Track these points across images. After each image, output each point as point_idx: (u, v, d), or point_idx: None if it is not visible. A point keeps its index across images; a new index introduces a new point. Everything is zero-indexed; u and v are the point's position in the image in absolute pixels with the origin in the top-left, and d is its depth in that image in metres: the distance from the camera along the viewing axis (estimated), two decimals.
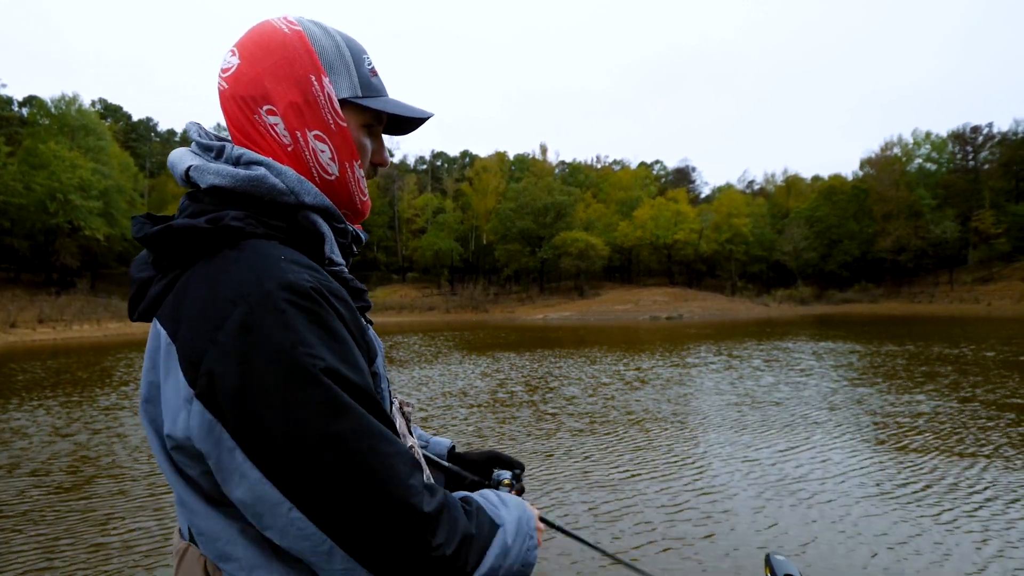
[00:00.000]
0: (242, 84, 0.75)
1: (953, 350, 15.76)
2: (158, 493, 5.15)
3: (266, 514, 0.62)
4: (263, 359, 0.60)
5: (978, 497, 4.85)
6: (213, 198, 0.73)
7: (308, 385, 0.60)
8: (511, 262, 60.56)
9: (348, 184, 0.81)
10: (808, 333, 23.59)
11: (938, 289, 53.39)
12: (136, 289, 0.75)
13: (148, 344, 0.71)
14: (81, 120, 42.69)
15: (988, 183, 57.68)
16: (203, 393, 0.62)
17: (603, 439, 6.92)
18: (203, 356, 0.62)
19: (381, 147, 0.87)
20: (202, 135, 0.79)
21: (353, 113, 0.80)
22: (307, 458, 0.60)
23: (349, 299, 0.72)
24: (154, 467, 5.92)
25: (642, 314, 44.78)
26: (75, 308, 32.73)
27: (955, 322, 29.74)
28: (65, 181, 37.40)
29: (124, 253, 50.73)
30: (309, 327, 0.63)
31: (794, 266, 59.29)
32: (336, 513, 0.61)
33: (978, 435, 6.76)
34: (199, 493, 0.69)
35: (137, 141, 66.21)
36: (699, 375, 12.11)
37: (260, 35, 0.77)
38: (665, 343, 20.46)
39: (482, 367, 14.02)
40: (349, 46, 0.80)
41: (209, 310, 0.64)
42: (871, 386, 10.24)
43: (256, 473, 0.61)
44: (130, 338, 27.28)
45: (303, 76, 0.75)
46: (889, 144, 61.28)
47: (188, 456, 0.67)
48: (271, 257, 0.67)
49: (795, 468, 5.69)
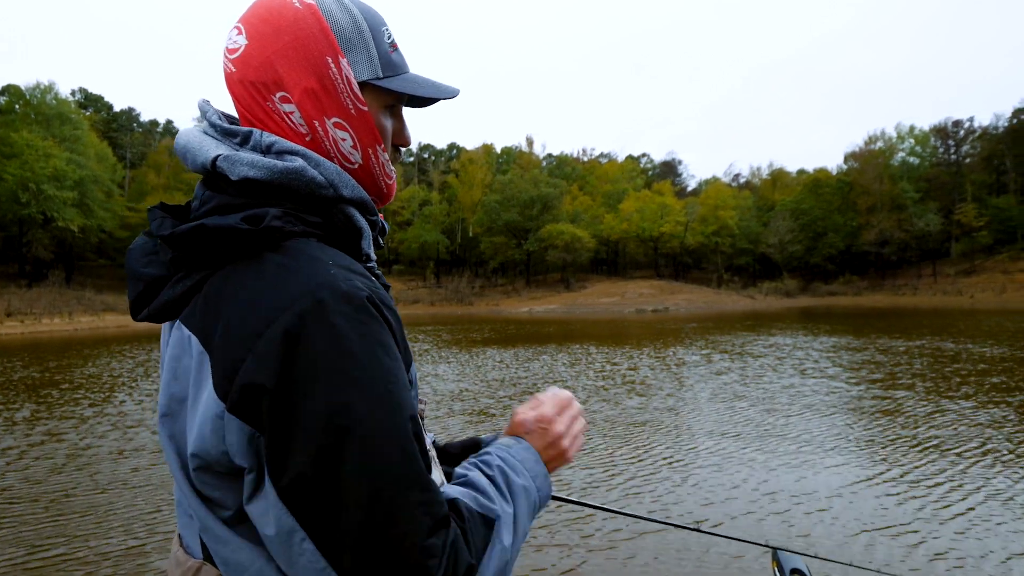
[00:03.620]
0: (251, 68, 0.68)
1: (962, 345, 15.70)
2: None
3: (279, 540, 0.57)
4: (308, 374, 0.55)
5: (992, 493, 4.65)
6: (244, 191, 0.66)
7: (350, 413, 0.55)
8: (497, 254, 60.19)
9: (372, 170, 0.74)
10: (797, 326, 23.54)
11: (921, 282, 53.81)
12: (144, 287, 0.68)
13: (168, 352, 0.66)
14: (57, 109, 41.58)
15: (970, 177, 58.23)
16: (236, 406, 0.57)
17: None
18: (240, 366, 0.57)
19: (403, 126, 0.79)
20: (221, 118, 0.73)
21: (373, 94, 0.72)
22: (331, 496, 0.55)
23: (394, 306, 0.66)
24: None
25: (628, 307, 44.66)
26: (46, 301, 31.96)
27: (939, 314, 29.92)
28: (38, 171, 36.37)
29: (101, 245, 49.75)
30: (362, 344, 0.57)
31: (779, 259, 59.47)
32: (348, 554, 0.55)
33: (987, 435, 6.57)
34: (221, 518, 0.63)
35: (118, 131, 64.79)
36: (691, 373, 11.90)
37: (268, 10, 0.68)
38: (655, 339, 20.30)
39: (461, 363, 13.73)
40: (368, 19, 0.72)
41: (250, 318, 0.58)
42: (869, 384, 10.07)
43: (274, 495, 0.56)
44: (101, 332, 26.66)
45: (318, 58, 0.67)
46: (873, 138, 61.59)
47: (215, 475, 0.62)
48: (319, 261, 0.61)
49: (798, 464, 5.46)
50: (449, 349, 16.19)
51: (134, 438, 6.81)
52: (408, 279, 62.63)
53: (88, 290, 38.55)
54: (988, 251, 53.22)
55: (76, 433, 7.11)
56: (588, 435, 6.44)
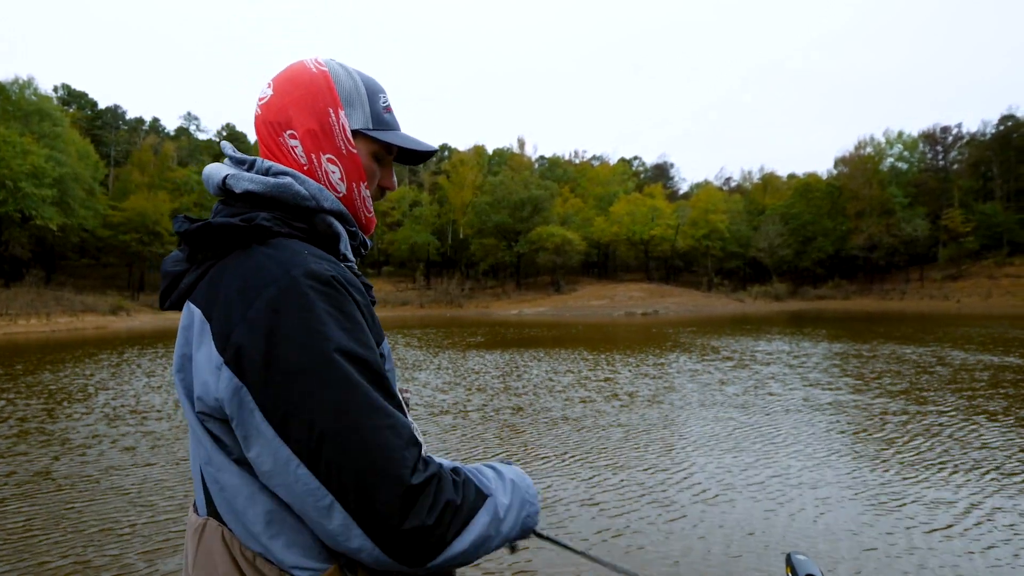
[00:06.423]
0: (272, 111, 0.90)
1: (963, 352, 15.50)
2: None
3: (277, 471, 0.71)
4: (286, 335, 0.71)
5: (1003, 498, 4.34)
6: (245, 202, 0.85)
7: (322, 360, 0.70)
8: (488, 256, 59.80)
9: (354, 201, 0.93)
10: (793, 330, 23.36)
11: (909, 286, 54.11)
12: (169, 282, 0.87)
13: (181, 323, 0.83)
14: (37, 105, 40.63)
15: (957, 182, 58.71)
16: (230, 361, 0.72)
17: (588, 438, 6.30)
18: (233, 329, 0.73)
19: (389, 174, 0.99)
20: (235, 152, 0.92)
21: (364, 142, 0.93)
22: (315, 424, 0.69)
23: (362, 288, 0.84)
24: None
25: (618, 310, 44.41)
26: (23, 301, 31.11)
27: (927, 319, 29.89)
28: (15, 168, 35.45)
29: (83, 244, 48.76)
30: (328, 309, 0.73)
31: (769, 263, 59.58)
32: (336, 473, 0.69)
33: (978, 438, 6.29)
34: (225, 452, 0.78)
35: (102, 129, 63.74)
36: (678, 373, 11.58)
37: (292, 72, 0.91)
38: (648, 344, 19.98)
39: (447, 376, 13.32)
40: (367, 85, 0.93)
41: (242, 292, 0.74)
42: (871, 384, 9.80)
43: (271, 432, 0.71)
44: (79, 334, 25.97)
45: (322, 108, 0.89)
46: (863, 143, 61.97)
47: (215, 418, 0.76)
48: (297, 251, 0.78)
49: (805, 467, 5.13)
50: (444, 352, 15.80)
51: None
52: (398, 280, 62.06)
53: (67, 290, 37.69)
54: (975, 256, 53.62)
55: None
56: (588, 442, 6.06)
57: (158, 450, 6.28)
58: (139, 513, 4.48)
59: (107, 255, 49.01)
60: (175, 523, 4.28)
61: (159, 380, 11.33)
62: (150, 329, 28.72)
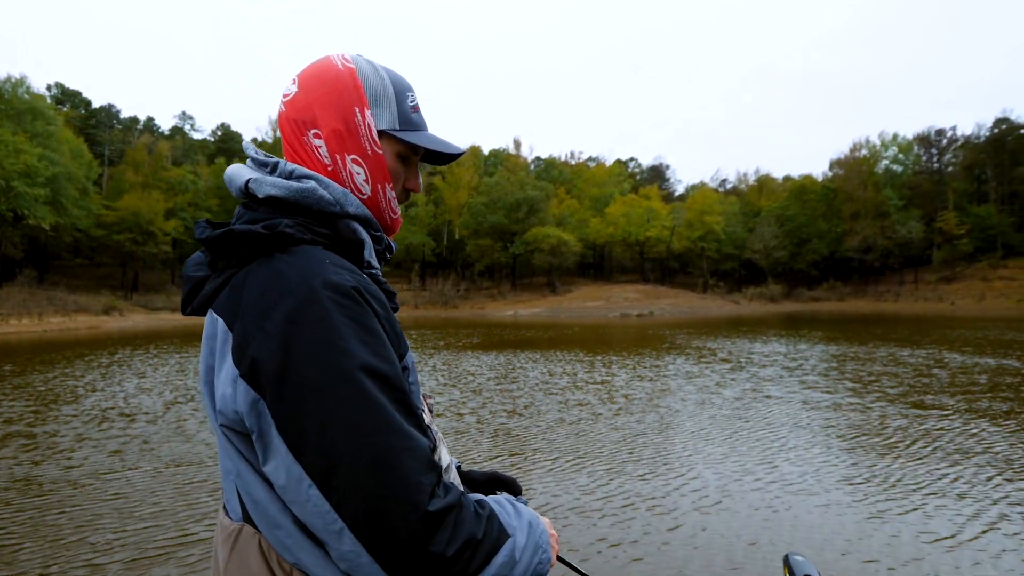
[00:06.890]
0: (296, 109, 0.86)
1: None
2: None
3: (290, 488, 0.68)
4: (303, 349, 0.68)
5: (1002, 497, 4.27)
6: (268, 207, 0.82)
7: (338, 376, 0.67)
8: (483, 257, 59.64)
9: (379, 203, 0.90)
10: (784, 331, 23.33)
11: (903, 288, 54.27)
12: (191, 287, 0.84)
13: (205, 331, 0.81)
14: (29, 103, 40.27)
15: (951, 185, 58.94)
16: (246, 374, 0.70)
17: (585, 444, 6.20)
18: (250, 342, 0.70)
19: (414, 174, 0.95)
20: (258, 153, 0.88)
21: (390, 142, 0.89)
22: (328, 444, 0.66)
23: (384, 298, 0.80)
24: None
25: (613, 311, 44.34)
26: (15, 301, 30.80)
27: (922, 320, 29.96)
28: (8, 167, 35.11)
29: (76, 243, 48.40)
30: (347, 322, 0.70)
31: (764, 264, 59.65)
32: (348, 497, 0.65)
33: (980, 443, 6.22)
34: (251, 465, 0.76)
35: (96, 128, 63.25)
36: (674, 376, 11.50)
37: (318, 69, 0.87)
38: (644, 346, 19.91)
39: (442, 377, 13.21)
40: (395, 84, 0.89)
41: (260, 303, 0.72)
42: (870, 387, 9.74)
43: (284, 448, 0.68)
44: (72, 334, 25.73)
45: (348, 107, 0.85)
46: (858, 145, 62.14)
47: (237, 431, 0.75)
48: (318, 260, 0.75)
49: (803, 470, 5.05)
50: (439, 354, 15.68)
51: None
52: (393, 281, 61.79)
53: (60, 290, 37.36)
54: (968, 259, 53.83)
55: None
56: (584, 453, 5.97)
57: (145, 454, 6.16)
58: (123, 522, 4.36)
59: (101, 255, 48.67)
60: (160, 531, 4.16)
61: (150, 382, 11.18)
62: (143, 329, 28.52)
